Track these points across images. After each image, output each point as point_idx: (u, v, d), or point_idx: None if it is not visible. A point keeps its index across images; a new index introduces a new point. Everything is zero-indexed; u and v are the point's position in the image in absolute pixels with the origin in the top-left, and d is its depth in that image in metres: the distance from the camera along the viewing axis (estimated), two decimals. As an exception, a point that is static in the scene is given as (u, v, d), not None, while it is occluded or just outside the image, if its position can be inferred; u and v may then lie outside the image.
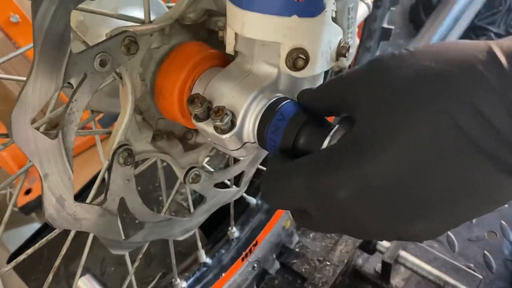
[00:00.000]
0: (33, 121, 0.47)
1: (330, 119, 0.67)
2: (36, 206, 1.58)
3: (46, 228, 1.44)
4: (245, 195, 1.13)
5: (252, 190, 1.18)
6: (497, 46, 0.34)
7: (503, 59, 0.33)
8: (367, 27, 1.12)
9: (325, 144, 0.46)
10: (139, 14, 0.67)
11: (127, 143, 0.57)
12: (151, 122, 0.62)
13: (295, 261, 1.23)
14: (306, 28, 0.50)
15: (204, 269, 1.04)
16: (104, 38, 0.51)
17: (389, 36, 1.16)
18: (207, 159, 1.31)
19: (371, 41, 1.14)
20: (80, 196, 1.52)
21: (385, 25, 1.14)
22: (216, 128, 0.53)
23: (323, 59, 0.53)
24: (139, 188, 0.60)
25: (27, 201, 1.57)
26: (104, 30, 0.64)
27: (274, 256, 1.19)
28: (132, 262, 0.78)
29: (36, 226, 1.55)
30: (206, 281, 1.03)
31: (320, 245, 1.25)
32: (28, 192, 1.61)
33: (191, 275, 1.02)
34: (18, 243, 1.45)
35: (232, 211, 1.03)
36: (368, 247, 1.16)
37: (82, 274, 1.04)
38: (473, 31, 1.81)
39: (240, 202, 1.15)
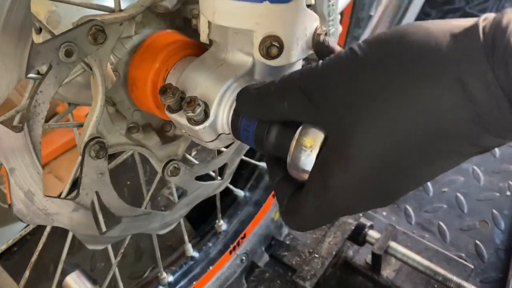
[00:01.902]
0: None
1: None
2: None
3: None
4: (233, 187, 1.12)
5: (240, 182, 1.17)
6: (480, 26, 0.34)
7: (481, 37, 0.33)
8: (355, 16, 1.10)
9: (296, 135, 0.44)
10: (112, 3, 0.66)
11: (99, 135, 0.55)
12: (126, 114, 0.60)
13: (285, 253, 1.22)
14: (278, 15, 0.48)
15: (191, 262, 1.03)
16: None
17: (377, 24, 1.14)
18: (194, 152, 1.30)
19: (359, 29, 1.13)
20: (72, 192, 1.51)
21: (372, 13, 1.12)
22: (189, 119, 0.51)
23: (298, 46, 0.52)
24: (128, 183, 0.59)
25: None
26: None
27: (263, 248, 1.18)
28: (123, 256, 0.77)
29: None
30: (193, 274, 1.02)
31: (311, 237, 1.24)
32: None
33: (178, 268, 1.01)
34: (7, 239, 1.44)
35: (218, 203, 1.02)
36: (358, 239, 1.15)
37: (71, 271, 1.04)
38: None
39: (228, 195, 1.14)
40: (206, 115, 0.51)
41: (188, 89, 0.53)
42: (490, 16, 0.34)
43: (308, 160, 0.44)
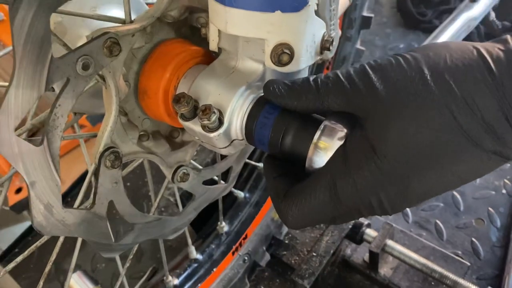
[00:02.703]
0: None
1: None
2: (27, 204, 1.55)
3: None
4: (233, 189, 1.13)
5: (240, 184, 1.18)
6: (484, 49, 0.40)
7: (492, 63, 0.39)
8: (347, 16, 1.11)
9: (315, 138, 0.46)
10: (118, 13, 0.66)
11: (113, 145, 0.56)
12: (136, 123, 0.61)
13: (284, 252, 1.23)
14: (290, 23, 0.50)
15: (195, 265, 1.04)
16: (84, 39, 0.50)
17: (369, 24, 1.16)
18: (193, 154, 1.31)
19: (351, 30, 1.14)
20: (68, 195, 1.51)
21: (365, 14, 1.14)
22: (203, 127, 0.52)
23: (307, 53, 0.53)
24: (128, 184, 0.60)
25: (18, 199, 1.54)
26: (83, 31, 0.63)
27: (264, 248, 1.19)
28: (123, 261, 0.77)
29: (27, 224, 1.54)
30: (197, 277, 1.03)
31: (310, 236, 1.25)
32: (18, 190, 1.58)
33: (182, 271, 1.02)
34: (10, 241, 1.45)
35: (220, 205, 1.02)
36: (355, 237, 1.17)
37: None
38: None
39: (228, 196, 1.15)
40: (220, 122, 0.52)
41: (201, 97, 0.54)
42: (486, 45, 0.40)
43: (325, 161, 0.45)
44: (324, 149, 0.45)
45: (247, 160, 1.09)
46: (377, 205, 0.44)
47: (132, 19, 0.55)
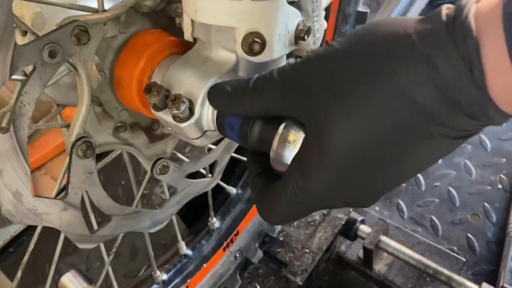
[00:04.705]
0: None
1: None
2: None
3: (30, 225, 1.44)
4: (225, 185, 1.12)
5: (232, 180, 1.18)
6: (414, 29, 0.36)
7: (419, 44, 0.35)
8: (342, 11, 1.10)
9: (280, 130, 0.45)
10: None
11: (86, 135, 0.55)
12: (113, 114, 0.61)
13: (279, 249, 1.22)
14: (260, 11, 0.49)
15: (185, 260, 1.04)
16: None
17: (364, 19, 1.15)
18: (187, 150, 1.30)
19: (346, 25, 1.13)
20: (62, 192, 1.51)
21: (360, 9, 1.13)
22: (174, 117, 0.52)
23: (280, 42, 0.52)
24: (122, 182, 0.59)
25: None
26: (62, 21, 0.63)
27: (257, 245, 1.18)
28: (117, 255, 0.77)
29: None
30: (187, 272, 1.03)
31: (304, 233, 1.24)
32: None
33: (172, 267, 1.02)
34: (4, 240, 1.45)
35: (210, 201, 1.02)
36: (349, 234, 1.16)
37: (66, 271, 1.04)
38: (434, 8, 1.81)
39: (221, 193, 1.15)
40: (191, 112, 0.52)
41: (173, 87, 0.53)
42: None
43: (290, 154, 0.44)
44: (288, 142, 0.44)
45: (240, 156, 1.08)
46: (342, 204, 0.43)
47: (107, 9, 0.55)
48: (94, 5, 0.55)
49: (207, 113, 0.52)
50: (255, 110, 0.46)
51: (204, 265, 1.05)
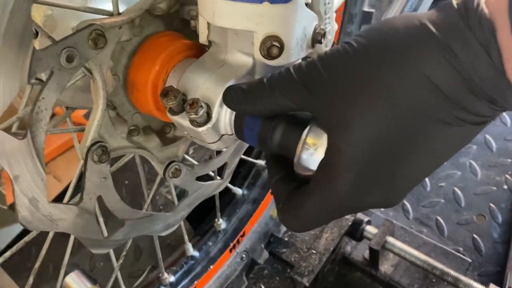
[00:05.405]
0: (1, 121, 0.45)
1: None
2: None
3: None
4: (231, 186, 1.12)
5: (238, 181, 1.18)
6: (428, 20, 0.37)
7: (437, 33, 0.36)
8: (348, 11, 1.10)
9: (304, 135, 0.45)
10: (110, 6, 0.65)
11: (101, 140, 0.55)
12: (126, 117, 0.60)
13: (284, 250, 1.22)
14: (278, 15, 0.49)
15: (192, 262, 1.03)
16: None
17: (370, 19, 1.14)
18: (191, 151, 1.30)
19: (352, 25, 1.13)
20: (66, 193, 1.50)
21: (366, 9, 1.12)
22: (191, 121, 0.51)
23: (298, 46, 0.52)
24: (126, 182, 0.59)
25: None
26: (74, 24, 0.62)
27: (263, 245, 1.18)
28: (119, 258, 0.77)
29: None
30: (194, 274, 1.02)
31: (309, 233, 1.23)
32: None
33: (179, 269, 1.02)
34: (7, 241, 1.44)
35: (217, 202, 1.02)
36: (355, 234, 1.15)
37: (70, 271, 1.04)
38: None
39: (227, 194, 1.14)
40: (209, 116, 0.51)
41: (189, 91, 0.53)
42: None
43: (315, 159, 0.44)
44: (313, 147, 0.44)
45: (245, 157, 1.08)
46: (368, 206, 0.43)
47: (121, 11, 0.54)
48: (101, 7, 0.54)
49: (224, 117, 0.52)
50: (272, 108, 0.46)
51: (211, 267, 1.04)
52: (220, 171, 0.83)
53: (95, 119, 0.54)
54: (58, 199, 1.28)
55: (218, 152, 0.79)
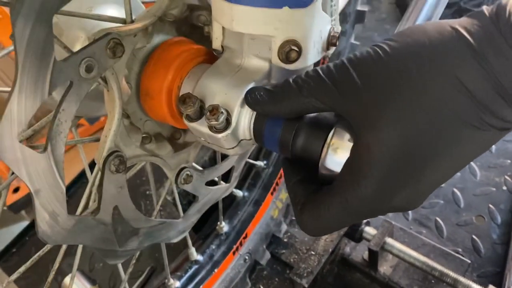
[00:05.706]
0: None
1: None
2: (25, 204, 1.53)
3: (33, 225, 1.41)
4: (231, 188, 1.11)
5: (238, 182, 1.17)
6: (462, 27, 0.38)
7: (472, 41, 0.37)
8: (342, 11, 1.11)
9: (329, 138, 0.45)
10: (114, 13, 0.64)
11: (117, 149, 0.54)
12: (138, 125, 0.60)
13: (283, 251, 1.22)
14: (297, 19, 0.49)
15: (196, 266, 1.03)
16: (81, 40, 0.49)
17: (363, 18, 1.15)
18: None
19: (346, 24, 1.14)
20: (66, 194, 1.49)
21: (359, 8, 1.13)
22: (211, 127, 0.51)
23: (314, 49, 0.52)
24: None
25: (15, 199, 1.51)
26: (80, 32, 0.61)
27: (265, 246, 1.18)
28: (125, 267, 0.76)
29: (24, 224, 1.51)
30: (199, 278, 1.02)
31: (308, 234, 1.23)
32: (16, 190, 1.55)
33: (184, 274, 1.01)
34: (7, 241, 1.43)
35: (220, 205, 1.01)
36: (354, 235, 1.15)
37: (69, 271, 1.02)
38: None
39: (227, 196, 1.14)
40: (228, 122, 0.51)
41: (207, 97, 0.52)
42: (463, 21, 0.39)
43: (341, 161, 0.44)
44: (339, 149, 0.44)
45: (250, 160, 1.08)
46: (389, 209, 0.43)
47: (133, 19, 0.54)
48: (106, 14, 0.53)
49: (243, 123, 0.52)
50: (298, 108, 0.46)
51: (216, 270, 1.04)
52: (223, 175, 0.83)
53: (111, 129, 0.53)
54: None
55: (223, 155, 0.79)
